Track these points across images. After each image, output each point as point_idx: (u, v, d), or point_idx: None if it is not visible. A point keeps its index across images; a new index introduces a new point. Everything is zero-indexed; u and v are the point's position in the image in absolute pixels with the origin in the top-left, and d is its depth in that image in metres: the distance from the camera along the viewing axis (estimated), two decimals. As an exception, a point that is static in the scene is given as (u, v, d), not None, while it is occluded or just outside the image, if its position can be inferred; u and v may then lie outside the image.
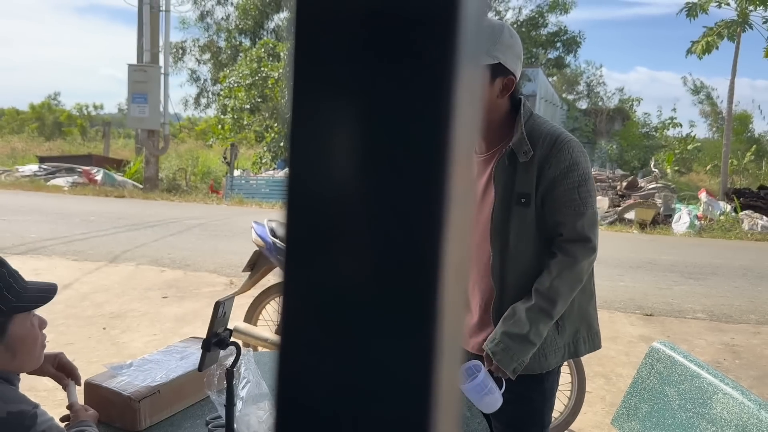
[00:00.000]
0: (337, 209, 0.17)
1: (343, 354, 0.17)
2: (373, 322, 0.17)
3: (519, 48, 1.50)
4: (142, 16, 13.64)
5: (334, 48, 0.17)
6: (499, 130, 1.54)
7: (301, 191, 0.18)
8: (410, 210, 0.17)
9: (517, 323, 1.46)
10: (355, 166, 0.17)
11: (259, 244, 3.30)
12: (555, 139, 1.47)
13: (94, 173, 13.97)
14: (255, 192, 13.43)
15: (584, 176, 1.47)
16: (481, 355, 1.64)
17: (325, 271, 0.17)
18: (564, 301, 1.47)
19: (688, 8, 14.56)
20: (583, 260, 1.46)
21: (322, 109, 0.17)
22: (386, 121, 0.17)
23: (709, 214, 11.93)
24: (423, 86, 0.17)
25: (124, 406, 1.38)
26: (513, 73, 1.49)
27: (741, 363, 4.18)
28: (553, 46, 27.23)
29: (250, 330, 3.21)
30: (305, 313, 0.18)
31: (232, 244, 7.37)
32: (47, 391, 2.83)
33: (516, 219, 1.49)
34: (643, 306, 5.49)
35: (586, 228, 1.46)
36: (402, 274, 0.17)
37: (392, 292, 0.17)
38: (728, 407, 1.49)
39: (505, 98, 1.51)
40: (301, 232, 0.18)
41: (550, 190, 1.47)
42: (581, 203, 1.46)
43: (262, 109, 17.59)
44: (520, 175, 1.48)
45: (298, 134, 0.18)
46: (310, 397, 0.18)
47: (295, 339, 0.18)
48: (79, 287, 5.23)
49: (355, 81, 0.17)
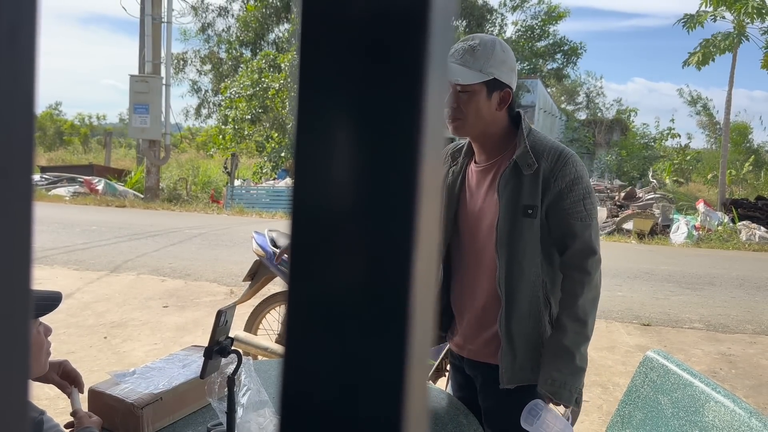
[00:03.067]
0: (340, 217, 0.17)
1: (344, 359, 0.18)
2: (368, 327, 0.18)
3: (512, 61, 1.55)
4: (144, 28, 13.73)
5: (341, 55, 0.17)
6: (499, 141, 1.59)
7: (305, 199, 0.18)
8: (405, 217, 0.17)
9: (562, 357, 1.49)
10: (359, 174, 0.17)
11: (260, 253, 3.33)
12: (559, 153, 1.52)
13: (95, 183, 14.00)
14: (255, 202, 13.46)
15: (588, 189, 1.53)
16: (479, 361, 1.67)
17: (327, 278, 0.18)
18: (593, 317, 1.51)
19: (686, 20, 14.65)
20: (595, 273, 1.51)
21: (328, 117, 0.17)
22: (389, 128, 0.17)
23: (706, 225, 11.95)
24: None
25: (128, 413, 1.41)
26: (509, 85, 1.53)
27: (737, 373, 4.19)
28: (552, 57, 27.36)
29: (250, 339, 3.23)
30: (309, 321, 0.18)
31: (233, 254, 7.39)
32: (49, 400, 2.85)
33: (523, 230, 1.52)
34: (640, 316, 5.50)
35: (593, 239, 1.51)
36: (391, 281, 0.17)
37: (384, 298, 0.17)
38: (720, 415, 1.51)
39: (504, 111, 1.56)
40: (306, 240, 0.18)
41: (556, 202, 1.50)
42: (587, 214, 1.51)
43: (262, 120, 17.66)
44: (526, 187, 1.51)
45: (302, 142, 0.18)
46: (314, 401, 0.18)
47: (299, 346, 0.18)
48: (80, 296, 5.25)
49: (361, 87, 0.17)
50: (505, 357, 1.57)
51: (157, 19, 13.45)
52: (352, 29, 0.17)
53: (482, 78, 1.48)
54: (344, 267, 0.18)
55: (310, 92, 0.18)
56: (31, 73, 0.18)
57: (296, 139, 0.18)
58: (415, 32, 0.17)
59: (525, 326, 1.56)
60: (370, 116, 0.17)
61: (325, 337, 0.18)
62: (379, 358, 0.18)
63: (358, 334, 0.18)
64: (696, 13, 14.52)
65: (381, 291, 0.18)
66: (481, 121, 1.54)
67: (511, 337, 1.56)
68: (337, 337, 0.18)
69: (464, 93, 1.50)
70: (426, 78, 0.17)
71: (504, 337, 1.56)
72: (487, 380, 1.64)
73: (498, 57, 1.50)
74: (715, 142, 24.74)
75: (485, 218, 1.59)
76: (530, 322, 1.56)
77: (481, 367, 1.66)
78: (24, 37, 0.17)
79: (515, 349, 1.56)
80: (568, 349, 1.48)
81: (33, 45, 0.18)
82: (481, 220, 1.60)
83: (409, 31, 0.17)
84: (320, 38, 0.17)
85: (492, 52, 1.49)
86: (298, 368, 0.18)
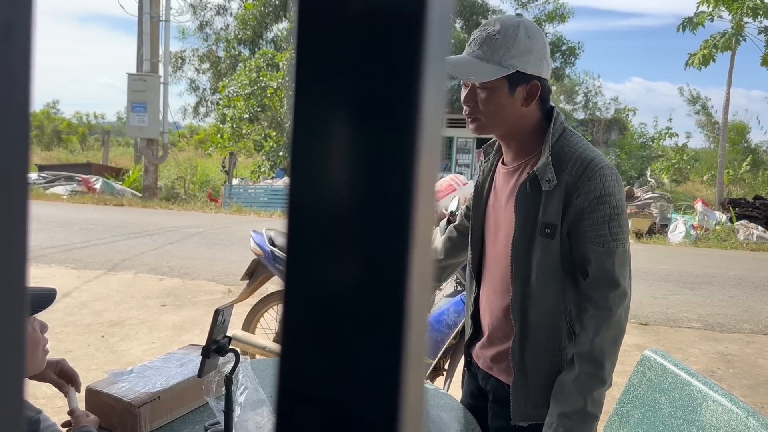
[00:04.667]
0: (336, 216, 0.17)
1: (340, 358, 0.18)
2: (366, 327, 0.17)
3: (540, 46, 1.32)
4: (142, 26, 13.71)
5: (337, 52, 0.17)
6: (528, 141, 1.39)
7: (303, 196, 0.18)
8: (401, 217, 0.17)
9: (570, 399, 1.29)
10: (355, 173, 0.17)
11: (258, 252, 3.33)
12: (587, 164, 1.29)
13: (93, 182, 13.99)
14: (253, 201, 13.45)
15: (617, 209, 1.29)
16: (490, 373, 1.53)
17: (323, 276, 0.18)
18: (611, 360, 1.30)
19: (686, 23, 14.67)
20: (617, 309, 1.29)
21: (325, 115, 0.17)
22: (383, 128, 0.17)
23: (704, 224, 11.97)
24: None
25: (125, 411, 1.41)
26: (537, 76, 1.32)
27: (735, 372, 4.20)
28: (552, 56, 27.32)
29: (248, 338, 3.23)
30: (305, 319, 0.18)
31: (231, 253, 7.39)
32: (46, 399, 2.84)
33: (540, 251, 1.33)
34: (638, 315, 5.51)
35: (616, 269, 1.29)
36: (387, 279, 0.17)
37: (380, 296, 0.17)
38: (718, 414, 1.52)
39: (533, 105, 1.35)
40: (302, 238, 0.18)
41: (577, 221, 1.29)
42: (611, 240, 1.28)
43: (260, 119, 17.64)
44: (545, 202, 1.31)
45: (299, 141, 0.17)
46: (310, 400, 0.18)
47: (295, 344, 0.18)
48: (78, 295, 5.24)
49: (358, 85, 0.17)
50: (517, 391, 1.40)
51: (156, 18, 13.43)
52: (349, 27, 0.17)
53: (501, 73, 1.29)
54: (341, 265, 0.18)
55: (307, 91, 0.17)
56: (27, 71, 0.18)
57: (293, 138, 0.18)
58: (411, 29, 0.17)
59: (542, 360, 1.38)
60: (367, 115, 0.17)
61: (321, 335, 0.18)
62: (376, 357, 0.17)
63: (354, 332, 0.18)
64: (695, 15, 14.54)
65: (377, 289, 0.17)
66: (505, 120, 1.35)
67: (524, 371, 1.39)
68: (333, 335, 0.18)
69: (482, 90, 1.32)
70: (423, 76, 0.17)
71: (516, 370, 1.40)
72: (497, 400, 1.50)
73: (522, 45, 1.29)
74: (713, 141, 24.79)
75: (502, 228, 1.43)
76: (548, 356, 1.37)
77: (493, 381, 1.52)
78: (19, 34, 0.17)
79: (529, 384, 1.39)
80: (576, 392, 1.29)
81: (28, 42, 0.18)
82: (500, 228, 1.44)
83: (406, 28, 0.17)
84: (317, 36, 0.17)
85: (514, 40, 1.28)
86: (294, 367, 0.18)
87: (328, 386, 0.18)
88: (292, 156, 0.18)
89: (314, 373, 0.18)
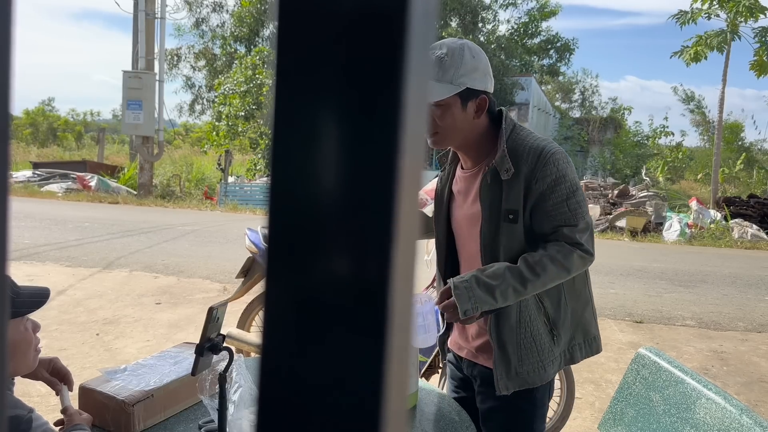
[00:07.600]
0: (318, 213, 0.17)
1: (322, 357, 0.18)
2: (349, 324, 0.17)
3: (485, 65, 1.47)
4: (138, 24, 13.66)
5: (319, 50, 0.17)
6: (483, 146, 1.54)
7: (283, 194, 0.18)
8: (382, 215, 0.17)
9: (492, 275, 1.43)
10: (337, 170, 0.17)
11: (253, 250, 3.33)
12: (539, 152, 1.45)
13: (88, 179, 13.94)
14: (249, 198, 13.44)
15: (572, 187, 1.45)
16: (476, 362, 1.65)
17: (305, 273, 0.18)
18: (543, 282, 1.44)
19: (679, 16, 14.67)
20: (577, 258, 1.44)
21: (305, 112, 0.17)
22: (366, 125, 0.17)
23: (699, 223, 12.02)
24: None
25: (118, 410, 1.40)
26: (484, 91, 1.47)
27: (729, 370, 4.22)
28: (546, 53, 27.40)
29: (242, 336, 3.23)
30: (286, 315, 0.18)
31: (226, 251, 7.37)
32: (40, 397, 2.84)
33: (505, 235, 1.48)
34: (632, 313, 5.53)
35: (581, 237, 1.45)
36: (370, 277, 0.17)
37: (363, 295, 0.17)
38: (711, 412, 1.52)
39: (483, 116, 1.50)
40: (283, 237, 0.18)
41: (538, 204, 1.45)
42: (571, 215, 1.44)
43: (256, 116, 17.61)
44: (507, 191, 1.46)
45: (280, 138, 0.17)
46: (289, 394, 0.18)
47: (276, 340, 0.18)
48: (72, 293, 5.22)
49: (337, 84, 0.17)
50: (499, 365, 1.53)
51: (151, 15, 13.38)
52: (330, 25, 0.17)
53: (453, 90, 1.42)
54: (322, 264, 0.17)
55: (288, 89, 0.17)
56: (6, 66, 0.17)
57: (274, 136, 0.18)
58: (394, 27, 0.17)
59: (516, 334, 1.52)
60: (349, 112, 0.17)
61: (303, 333, 0.18)
62: (358, 356, 0.17)
63: (336, 331, 0.17)
64: (690, 10, 14.54)
65: (360, 288, 0.17)
66: (460, 133, 1.49)
67: (503, 345, 1.53)
68: (315, 334, 0.18)
69: (437, 107, 1.44)
70: (405, 73, 0.17)
71: (496, 345, 1.53)
72: (484, 383, 1.62)
73: (468, 64, 1.42)
74: (708, 140, 24.88)
75: (474, 225, 1.55)
76: (521, 329, 1.52)
77: (479, 368, 1.64)
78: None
79: (509, 356, 1.52)
80: (501, 275, 1.42)
81: (8, 36, 0.17)
82: (472, 226, 1.57)
83: (389, 25, 0.17)
84: (297, 34, 0.17)
85: (461, 61, 1.42)
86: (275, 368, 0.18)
87: (310, 385, 0.18)
88: (273, 153, 0.18)
89: (296, 372, 0.18)
